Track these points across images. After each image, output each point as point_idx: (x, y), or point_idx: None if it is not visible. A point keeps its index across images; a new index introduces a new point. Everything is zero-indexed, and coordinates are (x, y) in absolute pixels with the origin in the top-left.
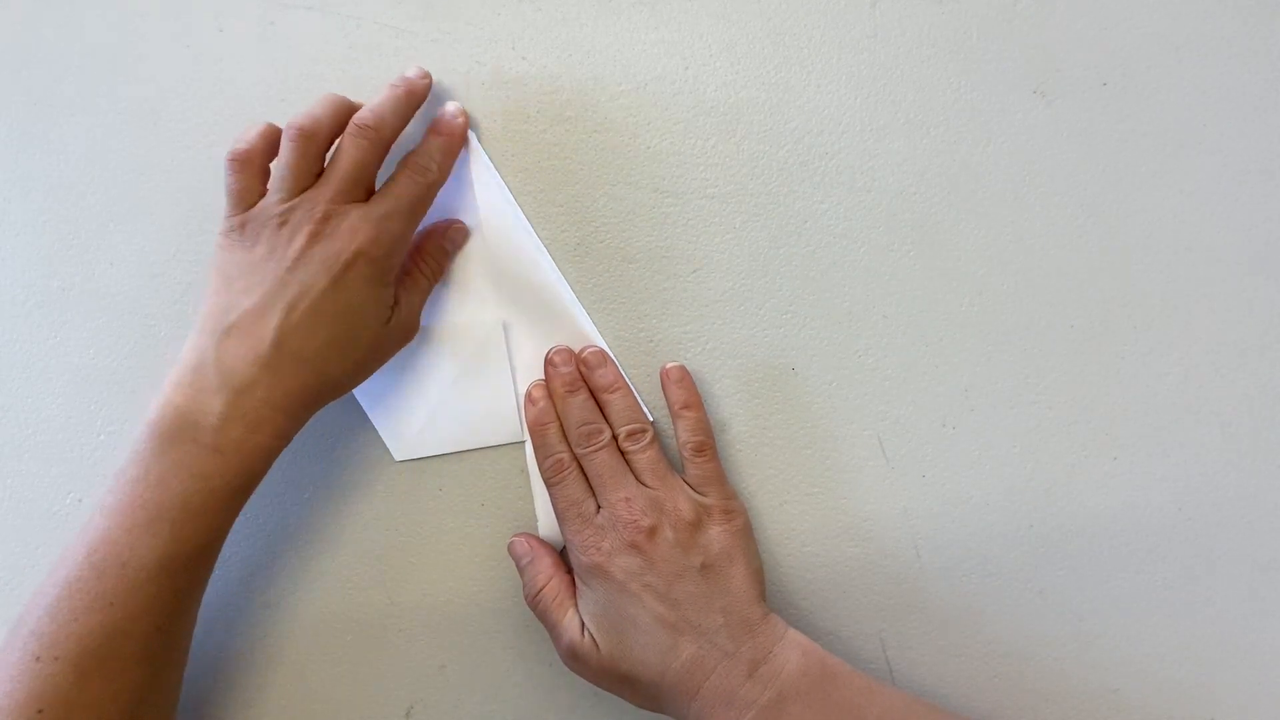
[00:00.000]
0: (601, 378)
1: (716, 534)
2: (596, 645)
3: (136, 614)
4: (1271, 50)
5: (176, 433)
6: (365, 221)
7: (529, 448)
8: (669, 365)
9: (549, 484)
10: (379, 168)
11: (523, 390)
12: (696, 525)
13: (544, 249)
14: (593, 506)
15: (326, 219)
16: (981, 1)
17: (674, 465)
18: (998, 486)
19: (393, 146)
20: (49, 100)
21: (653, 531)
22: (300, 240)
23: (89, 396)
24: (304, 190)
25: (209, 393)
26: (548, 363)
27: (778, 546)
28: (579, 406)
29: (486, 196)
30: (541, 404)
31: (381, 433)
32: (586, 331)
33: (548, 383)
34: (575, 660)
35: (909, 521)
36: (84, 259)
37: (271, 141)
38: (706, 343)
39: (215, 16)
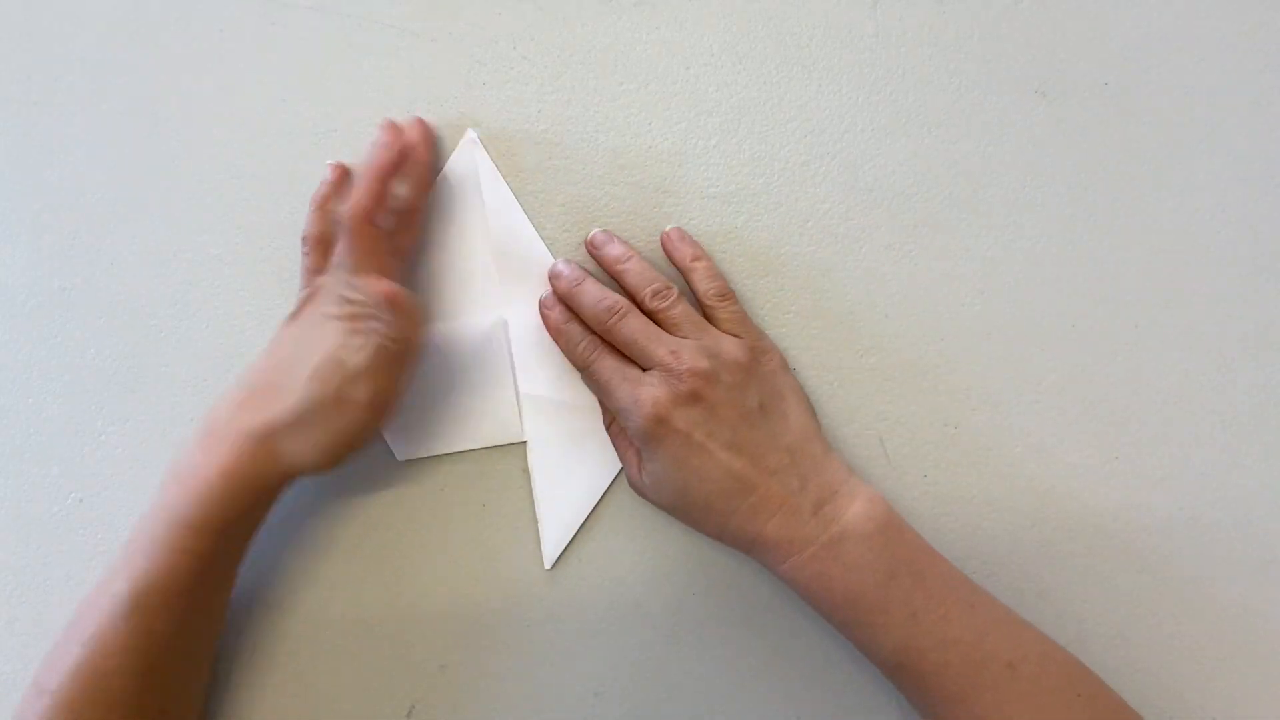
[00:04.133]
0: (610, 253)
1: (765, 372)
2: (659, 498)
3: (113, 652)
4: (1271, 50)
5: (169, 480)
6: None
7: (531, 447)
8: (667, 229)
9: (583, 371)
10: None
11: (523, 391)
12: (746, 366)
13: (546, 249)
14: (636, 370)
15: (318, 289)
16: (982, 1)
17: None
18: (998, 486)
19: None
20: (49, 100)
21: (710, 377)
22: (308, 307)
23: (89, 396)
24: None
25: (195, 436)
26: (551, 276)
27: None
28: (590, 292)
29: (489, 196)
30: (556, 309)
31: (384, 433)
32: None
33: (555, 292)
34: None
35: (909, 521)
36: (84, 259)
37: (329, 215)
38: None
39: (216, 17)
